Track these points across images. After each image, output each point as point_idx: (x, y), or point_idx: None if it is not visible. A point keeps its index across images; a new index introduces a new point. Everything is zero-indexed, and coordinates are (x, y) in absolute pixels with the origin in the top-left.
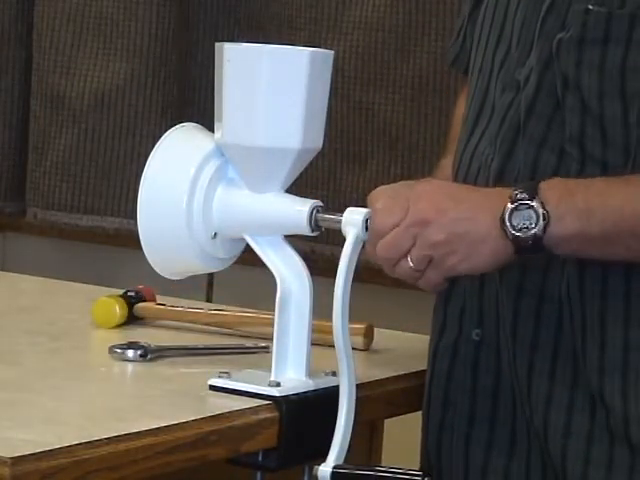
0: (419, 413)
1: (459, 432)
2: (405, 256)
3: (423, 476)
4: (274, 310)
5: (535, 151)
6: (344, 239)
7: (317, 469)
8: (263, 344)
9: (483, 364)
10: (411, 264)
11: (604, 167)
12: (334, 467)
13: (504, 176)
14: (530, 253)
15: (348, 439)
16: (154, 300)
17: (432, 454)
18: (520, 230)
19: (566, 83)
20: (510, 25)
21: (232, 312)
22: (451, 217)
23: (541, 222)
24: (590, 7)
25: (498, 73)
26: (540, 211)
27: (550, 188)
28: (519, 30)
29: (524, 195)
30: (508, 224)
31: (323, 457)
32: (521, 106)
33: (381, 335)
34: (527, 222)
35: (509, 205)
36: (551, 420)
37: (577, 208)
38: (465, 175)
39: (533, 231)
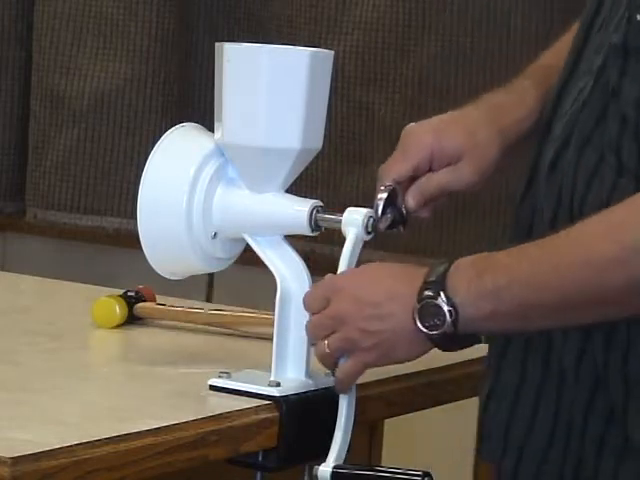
0: (419, 413)
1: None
2: (323, 339)
3: (423, 476)
4: (274, 310)
5: (580, 146)
6: (344, 239)
7: (317, 469)
8: None
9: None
10: (327, 350)
11: (638, 180)
12: (334, 467)
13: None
14: (450, 345)
15: (348, 439)
16: (154, 300)
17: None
18: (431, 328)
19: (611, 89)
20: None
21: (232, 312)
22: (366, 315)
23: (448, 319)
24: (638, 17)
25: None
26: (446, 309)
27: (459, 273)
28: (608, 11)
29: (429, 293)
30: (420, 324)
31: (323, 457)
32: (583, 93)
33: None
34: (436, 320)
35: (416, 304)
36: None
37: (486, 289)
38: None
39: (442, 329)
